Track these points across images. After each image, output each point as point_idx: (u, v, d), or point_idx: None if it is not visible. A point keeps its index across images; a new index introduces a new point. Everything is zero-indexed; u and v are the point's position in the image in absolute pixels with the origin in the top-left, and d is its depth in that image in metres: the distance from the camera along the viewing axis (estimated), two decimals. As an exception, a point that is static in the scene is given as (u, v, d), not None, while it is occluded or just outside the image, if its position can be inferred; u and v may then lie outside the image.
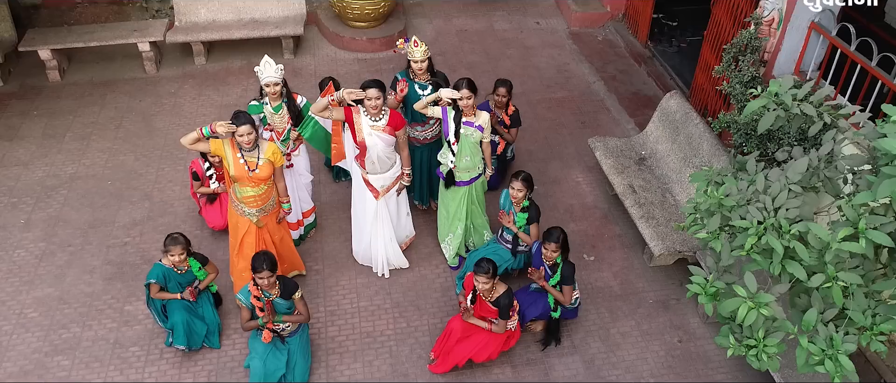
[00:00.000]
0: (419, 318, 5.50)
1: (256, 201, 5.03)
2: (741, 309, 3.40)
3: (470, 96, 5.20)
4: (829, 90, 3.90)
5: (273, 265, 4.65)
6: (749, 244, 3.53)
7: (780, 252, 3.44)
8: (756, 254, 3.58)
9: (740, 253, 3.63)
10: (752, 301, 3.41)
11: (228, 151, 4.87)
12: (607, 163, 6.35)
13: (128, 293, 5.68)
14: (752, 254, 3.57)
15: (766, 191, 3.70)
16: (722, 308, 3.53)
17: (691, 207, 4.04)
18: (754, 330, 3.49)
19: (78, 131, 7.47)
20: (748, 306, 3.40)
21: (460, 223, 5.74)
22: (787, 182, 3.66)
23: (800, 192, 3.65)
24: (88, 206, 6.51)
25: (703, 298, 3.75)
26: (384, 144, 5.16)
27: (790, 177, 3.67)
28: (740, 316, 3.40)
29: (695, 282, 3.78)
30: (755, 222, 3.55)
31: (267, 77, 5.26)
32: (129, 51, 8.56)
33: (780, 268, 3.53)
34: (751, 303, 3.40)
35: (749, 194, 3.76)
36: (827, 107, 3.89)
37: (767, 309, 3.38)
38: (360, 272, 5.88)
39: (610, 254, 6.09)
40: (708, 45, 7.17)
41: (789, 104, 3.90)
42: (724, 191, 3.76)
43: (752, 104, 4.03)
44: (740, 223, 3.57)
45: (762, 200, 3.67)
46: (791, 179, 3.66)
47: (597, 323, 5.48)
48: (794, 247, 3.45)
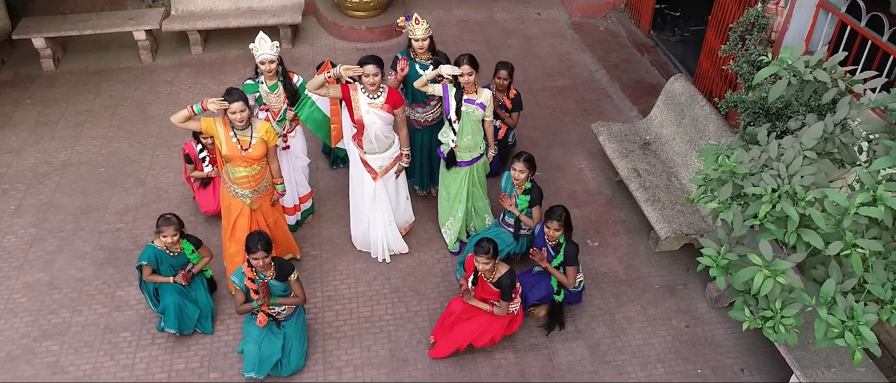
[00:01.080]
0: (419, 303, 5.35)
1: (249, 182, 4.88)
2: (757, 277, 3.25)
3: (471, 72, 5.06)
4: (842, 56, 3.75)
5: (268, 245, 4.50)
6: (763, 212, 3.39)
7: (795, 219, 3.30)
8: (770, 222, 3.44)
9: (753, 222, 3.49)
10: (767, 269, 3.26)
11: (220, 130, 4.73)
12: (611, 148, 6.22)
13: (120, 278, 5.53)
14: (766, 222, 3.42)
15: (780, 159, 3.56)
16: (736, 278, 3.38)
17: (700, 178, 3.90)
18: (771, 301, 3.34)
19: (71, 119, 7.33)
20: (764, 275, 3.25)
21: (461, 205, 5.59)
22: (801, 148, 3.52)
23: (815, 159, 3.51)
24: (81, 192, 6.37)
25: (715, 271, 3.59)
26: (382, 122, 5.02)
27: (805, 143, 3.53)
28: (756, 285, 3.25)
29: (706, 254, 3.63)
30: (769, 190, 3.41)
31: (262, 54, 5.12)
32: (125, 40, 8.44)
33: (796, 236, 3.38)
34: (766, 272, 3.25)
35: (762, 162, 3.62)
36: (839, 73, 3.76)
37: (784, 278, 3.23)
38: (358, 257, 5.74)
39: (614, 239, 5.94)
40: (712, 30, 7.04)
41: (801, 71, 3.77)
42: (736, 159, 3.61)
43: (763, 71, 3.89)
44: (754, 189, 3.43)
45: (776, 168, 3.53)
46: (806, 145, 3.52)
47: (601, 309, 5.33)
48: (809, 215, 3.31)
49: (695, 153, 5.82)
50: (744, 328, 3.42)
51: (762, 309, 3.40)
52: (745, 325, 3.43)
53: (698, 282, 5.52)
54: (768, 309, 3.37)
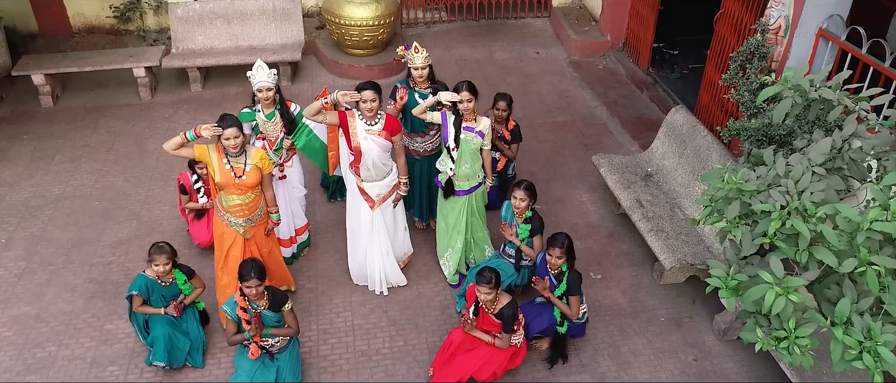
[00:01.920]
0: (417, 337, 5.17)
1: (243, 210, 4.77)
2: (768, 295, 3.11)
3: (470, 99, 5.02)
4: (846, 74, 3.69)
5: (262, 273, 4.37)
6: (772, 229, 3.28)
7: (806, 236, 3.18)
8: (780, 240, 3.32)
9: (763, 240, 3.37)
10: (779, 286, 3.13)
11: (214, 157, 4.64)
12: (612, 179, 6.13)
13: (109, 311, 5.37)
14: (776, 240, 3.31)
15: (788, 176, 3.46)
16: (746, 298, 3.24)
17: (707, 199, 3.80)
18: (784, 320, 3.20)
19: (68, 153, 7.27)
20: (776, 292, 3.11)
21: (460, 236, 5.47)
22: (809, 164, 3.43)
23: (824, 175, 3.41)
24: (73, 226, 6.26)
25: (725, 292, 3.46)
26: (380, 149, 4.95)
27: (813, 158, 3.44)
28: (767, 303, 3.12)
29: (714, 275, 3.50)
30: (778, 206, 3.31)
31: (259, 81, 5.08)
32: (124, 78, 8.46)
33: (807, 255, 3.27)
34: (778, 289, 3.12)
35: (769, 179, 3.53)
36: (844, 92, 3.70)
37: (797, 296, 3.10)
38: (355, 290, 5.59)
39: (617, 271, 5.80)
40: (712, 64, 7.04)
41: (806, 88, 3.71)
42: (742, 177, 3.52)
43: (767, 91, 3.84)
44: (762, 206, 3.32)
45: (784, 184, 3.43)
46: (814, 161, 3.44)
47: (606, 342, 5.15)
48: (821, 232, 3.20)
49: (698, 183, 5.73)
50: (757, 349, 3.27)
51: (775, 330, 3.25)
52: (757, 346, 3.27)
53: (705, 314, 5.36)
54: (781, 328, 3.22)
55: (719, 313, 5.18)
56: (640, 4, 8.63)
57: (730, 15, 6.65)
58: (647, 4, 8.43)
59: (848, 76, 3.71)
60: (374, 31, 8.44)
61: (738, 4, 6.49)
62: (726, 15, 6.72)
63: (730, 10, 6.65)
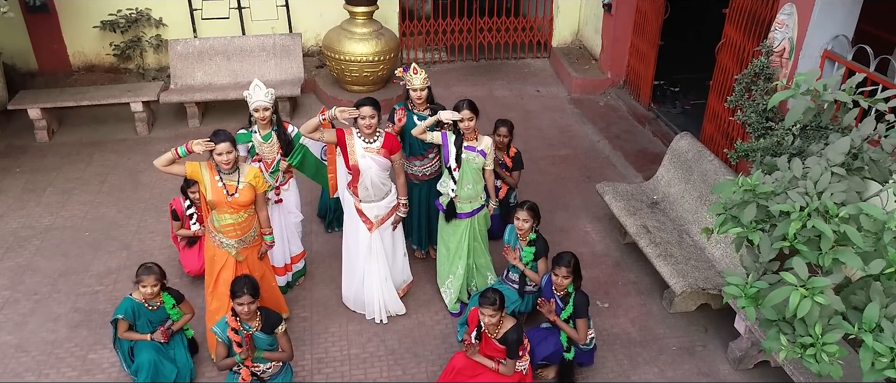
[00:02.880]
0: (417, 366, 4.92)
1: (236, 230, 4.58)
2: (792, 297, 2.92)
3: (472, 117, 4.90)
4: (860, 78, 3.58)
5: (254, 290, 4.17)
6: (793, 230, 3.10)
7: (830, 236, 3.01)
8: (801, 243, 3.14)
9: (782, 244, 3.19)
10: (803, 288, 2.93)
11: (206, 174, 4.49)
12: (618, 206, 5.97)
13: (94, 341, 5.12)
14: (797, 244, 3.13)
15: (806, 177, 3.31)
16: (768, 301, 3.04)
17: (720, 206, 3.64)
18: (809, 325, 2.99)
19: (60, 186, 7.13)
20: (800, 294, 2.92)
21: (461, 261, 5.27)
22: (828, 165, 3.28)
23: (844, 176, 3.26)
24: (62, 256, 6.06)
25: (743, 301, 3.26)
26: (378, 168, 4.80)
27: (831, 158, 3.30)
28: (791, 306, 2.91)
29: (731, 282, 3.31)
30: (797, 207, 3.14)
31: (257, 100, 4.98)
32: (122, 114, 8.40)
33: (831, 258, 3.08)
34: (803, 291, 2.92)
35: (786, 182, 3.37)
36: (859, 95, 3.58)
37: (823, 298, 2.90)
38: (351, 318, 5.35)
39: (625, 300, 5.58)
40: (715, 95, 6.98)
41: (820, 91, 3.59)
42: (757, 179, 3.37)
43: (779, 95, 3.73)
44: (781, 206, 3.16)
45: (802, 186, 3.27)
46: (833, 161, 3.29)
47: (615, 371, 4.90)
48: (845, 232, 3.02)
49: (706, 208, 5.57)
50: (781, 357, 3.05)
51: (800, 337, 3.04)
52: (782, 355, 3.06)
53: (718, 343, 5.12)
54: (807, 335, 3.01)
55: (734, 340, 4.94)
56: (640, 41, 8.64)
57: (731, 44, 6.61)
58: (647, 41, 8.43)
59: (862, 79, 3.60)
60: (373, 67, 8.41)
61: (739, 33, 6.46)
62: (728, 44, 6.70)
63: (731, 39, 6.62)
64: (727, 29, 6.68)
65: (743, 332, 4.75)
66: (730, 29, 6.64)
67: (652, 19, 8.21)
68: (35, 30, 8.85)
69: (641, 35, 8.58)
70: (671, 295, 5.33)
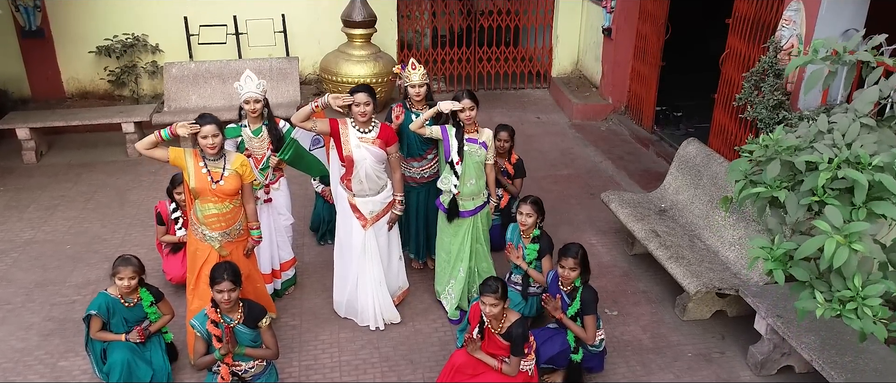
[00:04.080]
0: (413, 373, 4.55)
1: (220, 222, 4.30)
2: (827, 245, 2.62)
3: (472, 107, 4.69)
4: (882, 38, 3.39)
5: (236, 277, 3.87)
6: (822, 180, 2.84)
7: (864, 184, 2.74)
8: (832, 198, 2.87)
9: (811, 199, 2.92)
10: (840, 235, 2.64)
11: (190, 162, 4.26)
12: (624, 213, 5.70)
13: (66, 349, 4.77)
14: (828, 198, 2.86)
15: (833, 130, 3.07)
16: (800, 252, 2.75)
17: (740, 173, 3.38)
18: (848, 277, 2.69)
19: (44, 203, 6.86)
20: (836, 241, 2.63)
21: (463, 264, 4.97)
22: (856, 115, 3.05)
23: (874, 127, 3.02)
24: (39, 268, 5.74)
25: (770, 264, 2.97)
26: (374, 159, 4.56)
27: (860, 109, 3.06)
28: (826, 255, 2.62)
29: (756, 245, 3.02)
30: (826, 158, 2.89)
31: (247, 92, 4.80)
32: (113, 139, 8.22)
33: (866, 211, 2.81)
34: (839, 238, 2.63)
35: (812, 136, 3.13)
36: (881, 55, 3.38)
37: (861, 245, 2.61)
38: (343, 326, 5.01)
39: (635, 309, 5.24)
40: (720, 108, 6.81)
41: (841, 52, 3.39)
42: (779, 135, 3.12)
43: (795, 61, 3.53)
44: (808, 157, 2.90)
45: (829, 138, 3.03)
46: (860, 111, 3.05)
47: (628, 377, 4.53)
48: (880, 181, 2.76)
49: (718, 213, 5.30)
50: (818, 314, 2.73)
51: (837, 292, 2.73)
52: (818, 312, 2.74)
53: (737, 349, 4.76)
54: (846, 288, 2.71)
55: (754, 344, 4.59)
56: (641, 65, 8.54)
57: (735, 54, 6.49)
58: (648, 63, 8.34)
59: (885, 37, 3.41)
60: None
61: (743, 42, 6.35)
62: (732, 54, 6.57)
63: (735, 49, 6.50)
64: (731, 39, 6.57)
65: (764, 333, 4.42)
66: (733, 39, 6.52)
67: (653, 41, 8.14)
68: (30, 55, 8.76)
69: (642, 58, 8.49)
70: (684, 302, 5.01)
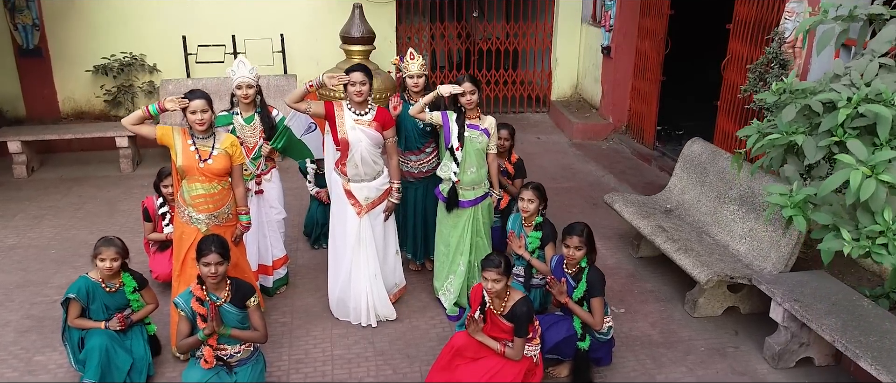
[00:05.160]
0: (410, 366, 4.29)
1: (207, 203, 4.11)
2: (853, 177, 2.46)
3: (473, 91, 4.56)
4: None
5: (224, 250, 3.67)
6: (842, 118, 2.69)
7: (887, 117, 2.59)
8: (853, 136, 2.72)
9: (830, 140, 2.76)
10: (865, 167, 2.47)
11: (178, 139, 4.08)
12: (629, 211, 5.52)
13: (43, 344, 4.52)
14: (849, 137, 2.70)
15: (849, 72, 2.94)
16: (824, 188, 2.57)
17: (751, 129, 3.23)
18: (875, 211, 2.50)
19: (31, 212, 6.68)
20: (862, 173, 2.46)
21: (463, 257, 4.76)
22: (873, 55, 2.92)
23: (893, 67, 2.89)
24: (21, 270, 5.52)
25: (789, 210, 2.79)
26: (369, 142, 4.41)
27: (877, 49, 2.94)
28: (852, 187, 2.45)
29: (773, 192, 2.85)
30: (844, 97, 2.75)
31: (240, 77, 4.64)
32: (107, 157, 8.11)
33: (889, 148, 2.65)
34: (865, 169, 2.46)
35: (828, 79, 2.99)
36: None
37: (890, 175, 2.44)
38: (337, 323, 4.77)
39: (643, 306, 5.01)
40: (723, 115, 6.71)
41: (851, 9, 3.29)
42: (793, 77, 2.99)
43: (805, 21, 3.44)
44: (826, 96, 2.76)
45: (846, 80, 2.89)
46: (878, 51, 2.92)
47: (638, 370, 4.27)
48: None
49: (727, 206, 5.12)
50: (846, 252, 2.53)
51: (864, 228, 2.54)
52: (846, 249, 2.54)
53: (752, 345, 4.51)
54: (874, 223, 2.52)
55: (770, 335, 4.35)
56: (641, 82, 8.49)
57: (737, 58, 6.42)
58: (648, 80, 8.28)
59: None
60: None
61: (744, 46, 6.29)
62: (734, 60, 6.50)
63: (737, 53, 6.44)
64: (732, 44, 6.51)
65: (780, 321, 4.18)
66: (734, 43, 6.47)
67: (652, 57, 8.10)
68: (26, 74, 8.70)
69: (642, 75, 8.44)
70: (694, 297, 4.78)
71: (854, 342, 3.62)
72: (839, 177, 2.51)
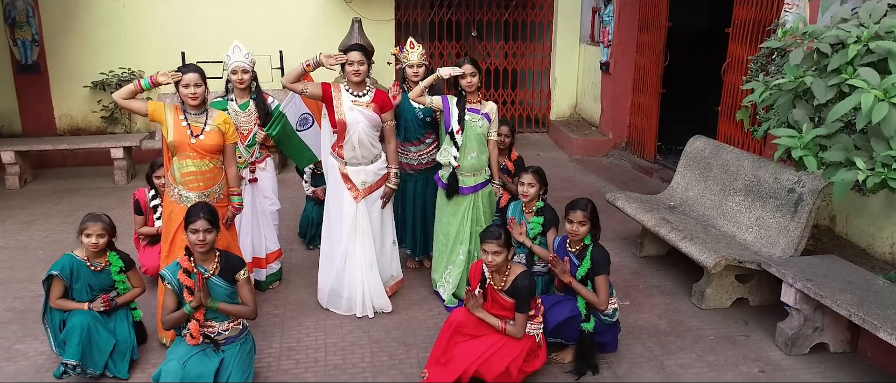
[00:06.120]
0: (407, 353, 4.10)
1: (198, 181, 3.98)
2: (865, 100, 2.35)
3: (474, 73, 4.49)
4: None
5: (213, 218, 3.53)
6: (852, 54, 2.60)
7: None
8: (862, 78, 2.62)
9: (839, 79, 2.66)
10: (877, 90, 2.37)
11: (169, 114, 3.99)
12: (632, 207, 5.39)
13: (24, 333, 4.35)
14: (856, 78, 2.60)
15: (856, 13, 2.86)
16: (833, 113, 2.47)
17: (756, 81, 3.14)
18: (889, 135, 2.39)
19: (21, 218, 6.56)
20: (874, 95, 2.36)
21: (463, 246, 4.61)
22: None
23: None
24: (8, 269, 5.38)
25: (799, 151, 2.68)
26: (367, 123, 4.31)
27: (885, -11, 2.86)
28: (865, 111, 2.35)
29: (783, 135, 2.74)
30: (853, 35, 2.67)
31: (235, 62, 4.59)
32: (101, 171, 8.02)
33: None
34: (878, 92, 2.36)
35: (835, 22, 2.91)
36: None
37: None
38: (330, 314, 4.59)
39: (649, 300, 4.84)
40: (724, 119, 6.65)
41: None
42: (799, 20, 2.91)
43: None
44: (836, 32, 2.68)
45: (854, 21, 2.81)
46: (887, -9, 2.85)
47: (645, 356, 4.08)
48: (917, 48, 2.53)
49: (732, 198, 5.00)
50: (860, 179, 2.40)
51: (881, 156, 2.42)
52: (860, 177, 2.42)
53: (763, 333, 4.33)
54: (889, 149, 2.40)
55: (782, 320, 4.17)
56: (641, 97, 8.45)
57: (737, 62, 6.39)
58: (647, 94, 8.25)
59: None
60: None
61: (744, 48, 6.26)
62: (734, 63, 6.48)
63: (737, 57, 6.41)
64: (731, 47, 6.49)
65: (793, 303, 4.01)
66: (734, 47, 6.45)
67: (652, 71, 8.08)
68: (23, 90, 8.67)
69: (641, 90, 8.41)
70: (702, 288, 4.63)
71: (873, 315, 3.45)
72: (850, 102, 2.41)
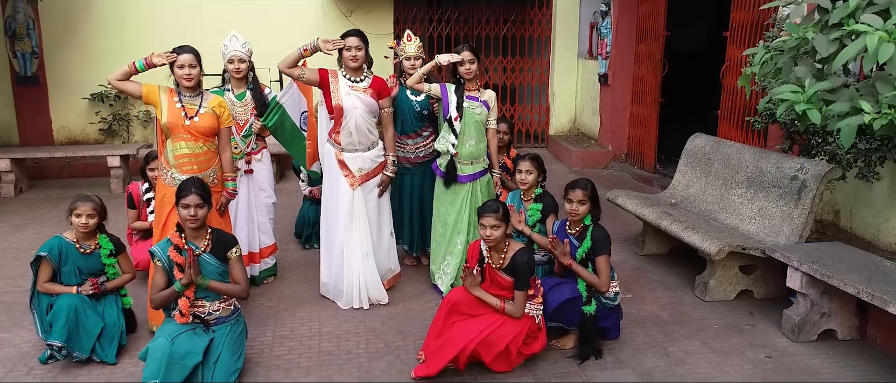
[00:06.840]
0: (403, 341, 3.99)
1: (192, 164, 3.92)
2: (869, 41, 2.30)
3: (473, 60, 4.46)
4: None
5: (205, 192, 3.46)
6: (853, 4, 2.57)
7: (904, -7, 2.47)
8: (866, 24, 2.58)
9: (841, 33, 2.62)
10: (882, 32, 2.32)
11: (163, 97, 3.95)
12: (633, 203, 5.32)
13: (11, 323, 4.25)
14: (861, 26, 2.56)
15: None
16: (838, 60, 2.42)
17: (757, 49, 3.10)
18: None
19: (14, 223, 6.48)
20: (879, 36, 2.31)
21: (461, 236, 4.53)
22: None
23: (903, -37, 2.78)
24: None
25: (803, 105, 2.63)
26: (364, 109, 4.27)
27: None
28: (870, 51, 2.29)
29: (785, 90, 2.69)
30: (856, -13, 2.63)
31: (232, 51, 4.58)
32: (97, 182, 7.96)
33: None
34: (882, 33, 2.31)
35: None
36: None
37: (911, 38, 2.29)
38: (325, 305, 4.49)
39: (651, 293, 4.74)
40: (725, 122, 6.61)
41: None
42: (802, -20, 2.88)
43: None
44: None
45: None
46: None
47: (648, 343, 3.97)
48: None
49: (735, 191, 4.93)
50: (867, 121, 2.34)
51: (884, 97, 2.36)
52: (867, 119, 2.35)
53: (769, 323, 4.22)
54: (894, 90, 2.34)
55: (788, 307, 4.07)
56: (640, 108, 8.44)
57: (736, 64, 6.38)
58: (646, 104, 8.24)
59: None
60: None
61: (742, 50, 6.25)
62: (732, 66, 6.47)
63: (735, 59, 6.40)
64: (730, 50, 6.49)
65: (799, 288, 3.91)
66: (732, 49, 6.44)
67: (650, 81, 8.08)
68: (22, 102, 8.65)
69: (640, 101, 8.40)
70: (705, 280, 4.53)
71: (882, 290, 3.36)
72: (856, 46, 2.36)
